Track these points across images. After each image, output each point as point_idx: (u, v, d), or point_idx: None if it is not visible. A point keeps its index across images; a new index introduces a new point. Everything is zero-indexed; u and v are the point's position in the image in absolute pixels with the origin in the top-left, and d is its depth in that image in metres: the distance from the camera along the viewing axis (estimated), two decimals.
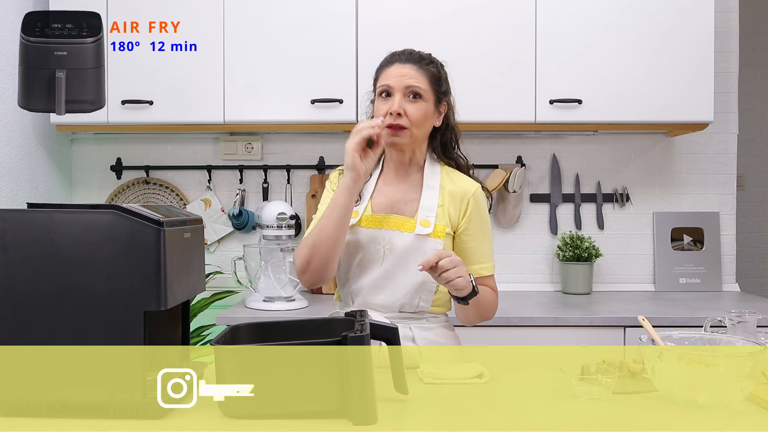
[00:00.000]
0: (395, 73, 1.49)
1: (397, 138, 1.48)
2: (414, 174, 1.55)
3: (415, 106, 1.47)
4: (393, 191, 1.54)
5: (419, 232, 1.47)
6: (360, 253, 1.50)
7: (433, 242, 1.47)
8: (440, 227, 1.49)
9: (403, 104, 1.46)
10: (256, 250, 2.41)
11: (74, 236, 1.07)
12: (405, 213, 1.51)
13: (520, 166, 2.70)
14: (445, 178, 1.54)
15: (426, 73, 1.50)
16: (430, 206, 1.50)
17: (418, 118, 1.47)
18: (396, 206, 1.52)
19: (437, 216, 1.49)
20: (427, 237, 1.47)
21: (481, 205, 1.53)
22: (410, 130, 1.47)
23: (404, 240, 1.47)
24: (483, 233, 1.54)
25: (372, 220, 1.51)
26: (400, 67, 1.49)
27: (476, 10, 2.40)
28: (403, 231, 1.48)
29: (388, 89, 1.48)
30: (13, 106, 2.37)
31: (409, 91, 1.47)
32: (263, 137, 2.77)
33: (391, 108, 1.46)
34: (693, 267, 2.73)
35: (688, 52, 2.39)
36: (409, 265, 1.45)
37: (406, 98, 1.47)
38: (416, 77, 1.48)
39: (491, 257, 1.57)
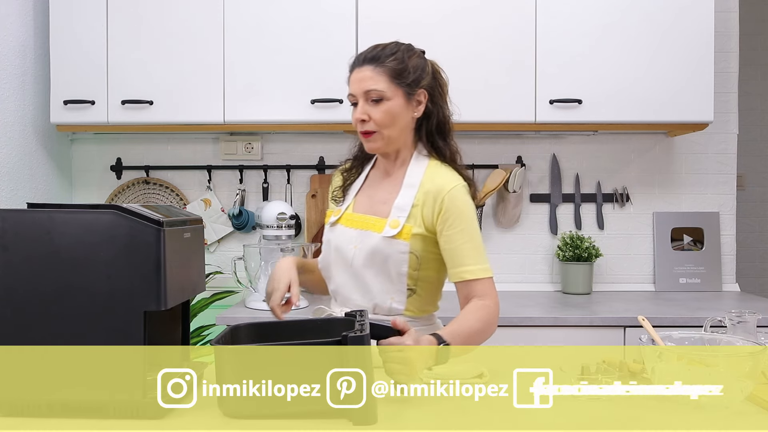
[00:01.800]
0: (354, 79, 1.47)
1: (370, 143, 1.48)
2: (400, 172, 1.52)
3: (377, 109, 1.44)
4: (376, 190, 1.54)
5: (386, 234, 1.44)
6: (336, 251, 1.51)
7: (399, 244, 1.43)
8: (407, 228, 1.44)
9: (366, 109, 1.45)
10: (256, 250, 2.41)
11: (74, 236, 1.07)
12: (381, 213, 1.49)
13: (520, 166, 2.70)
14: (427, 175, 1.48)
15: (384, 70, 1.45)
16: (403, 206, 1.46)
17: (383, 120, 1.44)
18: (375, 206, 1.51)
19: (409, 216, 1.45)
20: (393, 239, 1.44)
21: (459, 203, 1.44)
22: (380, 132, 1.46)
23: (373, 241, 1.45)
24: (463, 233, 1.43)
25: (350, 220, 1.51)
26: (358, 72, 1.47)
27: (476, 11, 2.40)
28: (373, 231, 1.46)
29: (352, 98, 1.48)
30: (13, 106, 2.38)
31: (369, 96, 1.44)
32: (263, 137, 2.77)
33: (356, 116, 1.46)
34: (693, 267, 2.73)
35: (688, 52, 2.39)
36: (377, 267, 1.45)
37: (369, 103, 1.45)
38: (373, 79, 1.44)
39: (479, 259, 1.43)
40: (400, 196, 1.47)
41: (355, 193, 1.56)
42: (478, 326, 1.39)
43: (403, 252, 1.44)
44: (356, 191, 1.56)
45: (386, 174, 1.54)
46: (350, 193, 1.57)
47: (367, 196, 1.54)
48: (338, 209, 1.55)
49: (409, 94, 1.47)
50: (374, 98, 1.44)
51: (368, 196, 1.54)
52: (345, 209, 1.54)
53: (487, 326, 1.41)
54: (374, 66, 1.45)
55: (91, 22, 2.42)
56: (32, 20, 2.49)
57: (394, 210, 1.46)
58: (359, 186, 1.57)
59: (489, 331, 1.42)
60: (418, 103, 1.49)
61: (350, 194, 1.56)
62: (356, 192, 1.56)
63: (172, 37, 2.42)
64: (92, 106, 2.43)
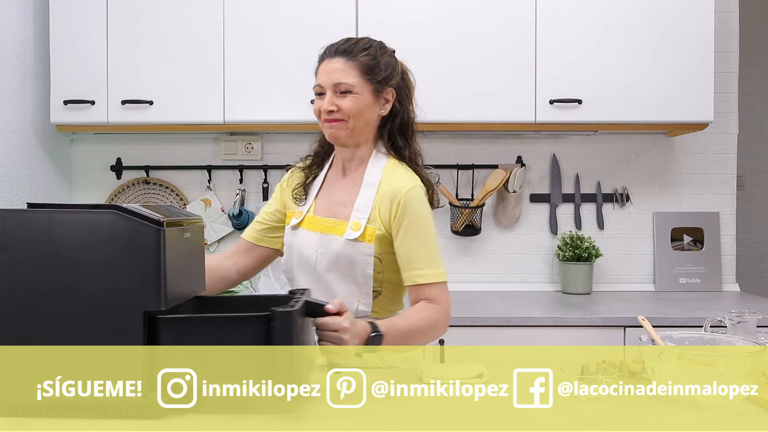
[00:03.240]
0: (324, 70, 1.45)
1: (334, 130, 1.44)
2: (359, 171, 1.49)
3: (346, 100, 1.42)
4: (335, 192, 1.51)
5: (348, 237, 1.42)
6: (299, 256, 1.49)
7: (363, 246, 1.41)
8: (370, 230, 1.42)
9: (335, 100, 1.43)
10: None
11: (74, 236, 1.07)
12: (341, 215, 1.46)
13: (520, 166, 2.70)
14: (385, 174, 1.46)
15: (356, 64, 1.43)
16: (364, 207, 1.43)
17: (351, 110, 1.42)
18: (335, 208, 1.48)
19: (370, 218, 1.43)
20: (356, 242, 1.41)
21: (413, 205, 1.41)
22: (347, 121, 1.43)
23: (336, 245, 1.43)
24: (416, 237, 1.41)
25: (311, 223, 1.49)
26: (329, 62, 1.44)
27: (476, 11, 2.41)
28: (335, 235, 1.44)
29: (319, 89, 1.45)
30: (13, 106, 2.38)
31: (338, 88, 1.43)
32: (263, 137, 2.77)
33: (322, 106, 1.44)
34: (693, 267, 2.73)
35: (688, 52, 2.39)
36: (341, 271, 1.43)
37: (337, 95, 1.43)
38: (344, 71, 1.43)
39: (432, 263, 1.41)
40: (360, 197, 1.45)
41: (315, 194, 1.53)
42: (420, 325, 1.37)
43: (367, 254, 1.42)
44: (316, 192, 1.54)
45: (343, 173, 1.52)
46: (311, 192, 1.54)
47: (326, 198, 1.52)
48: (299, 211, 1.52)
49: (378, 91, 1.45)
50: (343, 91, 1.43)
51: (327, 198, 1.52)
52: (306, 211, 1.51)
53: (430, 327, 1.39)
54: (346, 59, 1.44)
55: (91, 22, 2.42)
56: (32, 20, 2.49)
57: (354, 212, 1.44)
58: (319, 186, 1.54)
59: (432, 332, 1.40)
60: (386, 101, 1.48)
61: (311, 194, 1.54)
62: (316, 193, 1.53)
63: (172, 37, 2.42)
64: (92, 106, 2.43)
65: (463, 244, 2.76)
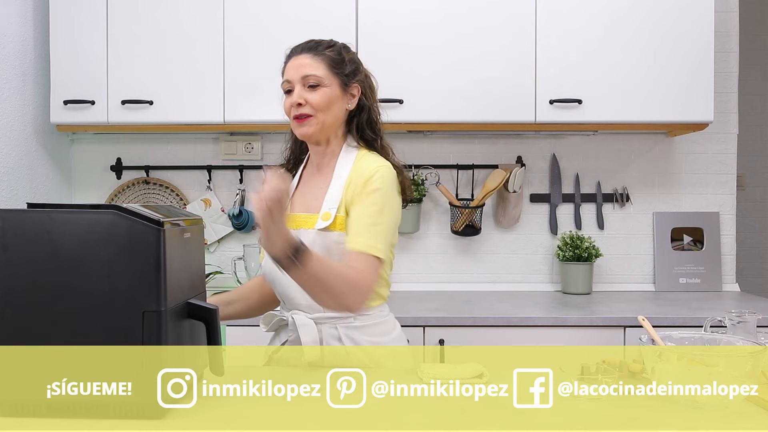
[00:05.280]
0: (291, 66, 1.47)
1: (304, 128, 1.45)
2: (331, 165, 1.50)
3: (315, 94, 1.44)
4: (309, 188, 1.52)
5: (319, 227, 1.41)
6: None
7: (335, 235, 1.41)
8: (340, 219, 1.41)
9: (303, 94, 1.44)
10: (256, 250, 2.41)
11: (74, 236, 1.07)
12: (313, 209, 1.47)
13: (520, 166, 2.70)
14: (356, 164, 1.46)
15: (323, 59, 1.46)
16: (333, 197, 1.43)
17: (320, 104, 1.44)
18: (308, 203, 1.49)
19: (339, 207, 1.42)
20: (327, 231, 1.41)
21: (377, 181, 1.39)
22: (316, 116, 1.45)
23: (308, 237, 1.41)
24: (367, 207, 1.38)
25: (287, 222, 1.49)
26: (296, 59, 1.47)
27: (476, 11, 2.40)
28: (307, 228, 1.44)
29: (288, 85, 1.47)
30: (13, 106, 2.38)
31: (306, 81, 1.45)
32: (263, 137, 2.77)
33: (291, 101, 1.45)
34: (693, 267, 2.73)
35: (688, 52, 2.39)
36: None
37: (306, 89, 1.45)
38: (312, 65, 1.45)
39: (367, 234, 1.36)
40: (331, 188, 1.46)
41: (291, 196, 1.53)
42: (343, 271, 1.31)
43: (339, 243, 1.40)
44: (292, 193, 1.54)
45: (318, 169, 1.53)
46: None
47: (301, 195, 1.53)
48: None
49: (345, 84, 1.48)
50: (312, 83, 1.44)
51: (302, 194, 1.53)
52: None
53: (349, 282, 1.31)
54: (313, 54, 1.47)
55: (91, 22, 2.42)
56: (32, 20, 2.49)
57: (325, 203, 1.44)
58: (294, 187, 1.55)
59: (348, 290, 1.31)
60: (352, 96, 1.50)
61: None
62: (292, 194, 1.54)
63: (172, 37, 2.42)
64: (92, 106, 2.43)
65: (463, 244, 2.76)
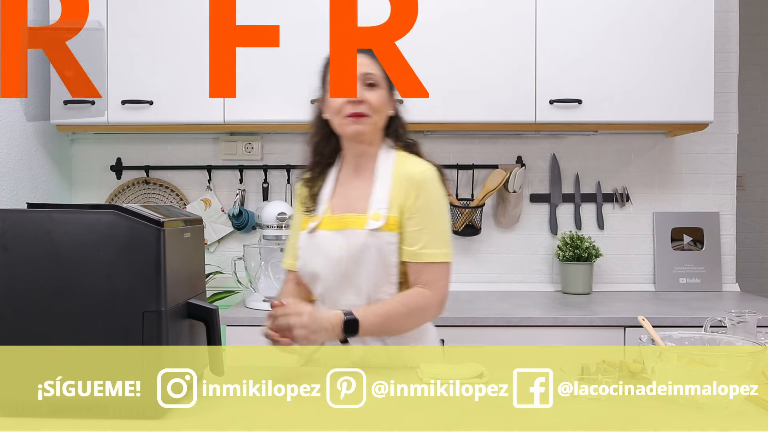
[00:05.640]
0: None
1: (359, 126, 1.46)
2: (370, 166, 1.51)
3: (374, 93, 1.46)
4: (350, 188, 1.52)
5: (371, 227, 1.43)
6: (321, 256, 1.48)
7: (387, 236, 1.43)
8: (393, 219, 1.43)
9: (362, 92, 1.45)
10: (256, 250, 2.41)
11: (74, 236, 1.07)
12: (359, 209, 1.48)
13: (520, 166, 2.70)
14: (397, 165, 1.49)
15: (379, 63, 1.48)
16: (381, 198, 1.45)
17: (378, 105, 1.46)
18: (352, 203, 1.49)
19: (390, 207, 1.44)
20: (379, 231, 1.43)
21: (426, 185, 1.45)
22: (372, 117, 1.46)
23: (359, 237, 1.44)
24: (424, 217, 1.43)
25: (330, 222, 1.49)
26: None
27: (476, 11, 2.40)
28: (357, 228, 1.45)
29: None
30: (13, 106, 2.38)
31: (367, 78, 1.46)
32: (263, 137, 2.77)
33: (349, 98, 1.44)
34: (693, 267, 2.73)
35: (688, 52, 2.39)
36: (366, 262, 1.43)
37: (364, 86, 1.46)
38: (372, 66, 1.47)
39: (436, 243, 1.43)
40: (376, 189, 1.47)
41: (329, 197, 1.54)
42: (400, 309, 1.39)
43: (391, 243, 1.43)
44: (329, 195, 1.54)
45: (356, 170, 1.53)
46: (323, 197, 1.54)
47: (341, 196, 1.53)
48: (315, 215, 1.53)
49: (390, 90, 1.51)
50: (370, 82, 1.46)
51: (342, 196, 1.53)
52: (323, 214, 1.52)
53: (413, 311, 1.41)
54: (369, 56, 1.48)
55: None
56: (32, 20, 2.49)
57: (372, 203, 1.46)
58: (331, 189, 1.55)
59: (417, 316, 1.42)
60: (393, 103, 1.53)
61: (323, 199, 1.54)
62: (329, 195, 1.54)
63: (172, 37, 2.42)
64: (92, 106, 2.43)
65: (463, 244, 2.75)
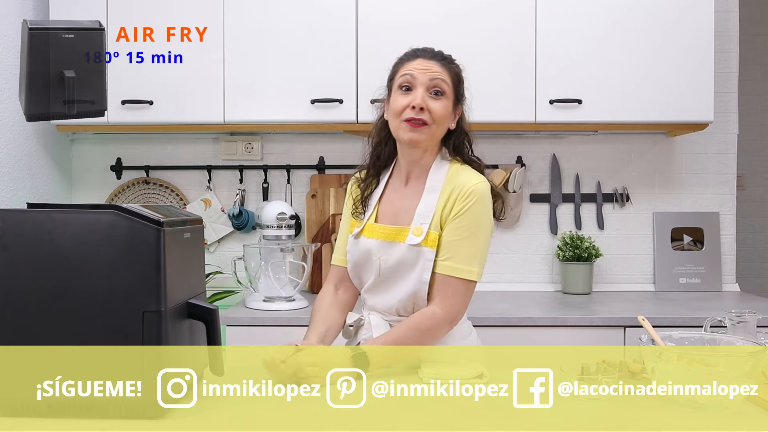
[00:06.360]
0: (421, 66, 1.43)
1: (416, 134, 1.42)
2: (422, 177, 1.48)
3: (439, 103, 1.42)
4: (398, 197, 1.51)
5: (410, 242, 1.42)
6: (362, 262, 1.50)
7: (426, 252, 1.41)
8: (433, 235, 1.41)
9: (427, 100, 1.41)
10: (256, 250, 2.41)
11: (74, 236, 1.07)
12: (403, 222, 1.46)
13: (520, 166, 2.70)
14: (449, 178, 1.45)
15: (450, 71, 1.45)
16: (425, 212, 1.43)
17: (441, 116, 1.42)
18: (398, 213, 1.49)
19: (432, 223, 1.42)
20: (419, 247, 1.41)
21: (475, 199, 1.41)
22: (431, 127, 1.42)
23: (397, 251, 1.44)
24: (464, 229, 1.40)
25: (372, 231, 1.49)
26: (425, 61, 1.44)
27: (476, 11, 2.40)
28: (397, 241, 1.44)
29: (410, 81, 1.42)
30: (13, 106, 2.37)
31: (433, 85, 1.42)
32: (263, 137, 2.77)
33: (413, 101, 1.40)
34: (693, 267, 2.73)
35: (688, 52, 2.39)
36: (402, 276, 1.44)
37: (429, 94, 1.42)
38: (442, 73, 1.43)
39: (463, 258, 1.40)
40: (423, 202, 1.45)
41: (376, 203, 1.53)
42: (408, 333, 1.38)
43: (428, 259, 1.41)
44: (377, 201, 1.53)
45: (407, 180, 1.51)
46: (371, 203, 1.54)
47: (388, 204, 1.52)
48: (360, 220, 1.53)
49: (456, 104, 1.48)
50: (437, 90, 1.42)
51: (390, 203, 1.51)
52: (367, 220, 1.51)
53: (422, 333, 1.39)
54: (442, 63, 1.45)
55: None
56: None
57: (416, 217, 1.44)
58: (379, 195, 1.54)
59: (427, 337, 1.40)
60: (456, 115, 1.49)
61: (371, 204, 1.53)
62: (377, 201, 1.53)
63: (172, 36, 2.42)
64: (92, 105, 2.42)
65: None
